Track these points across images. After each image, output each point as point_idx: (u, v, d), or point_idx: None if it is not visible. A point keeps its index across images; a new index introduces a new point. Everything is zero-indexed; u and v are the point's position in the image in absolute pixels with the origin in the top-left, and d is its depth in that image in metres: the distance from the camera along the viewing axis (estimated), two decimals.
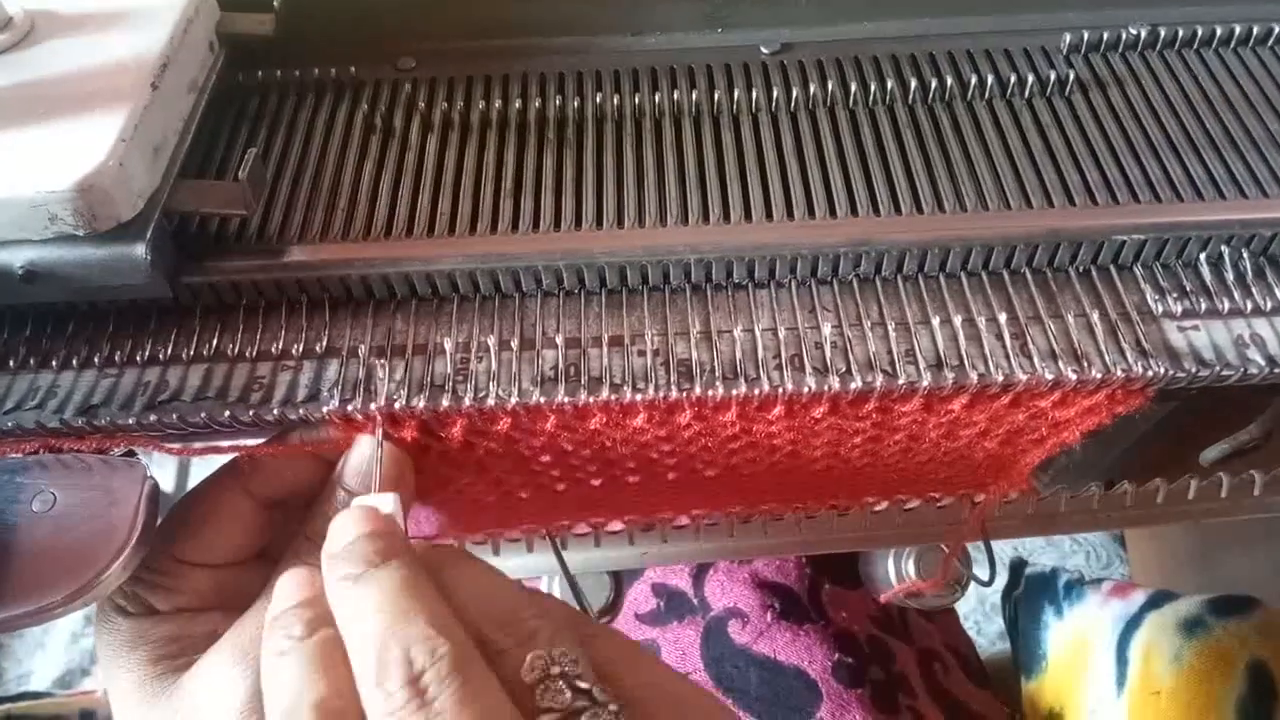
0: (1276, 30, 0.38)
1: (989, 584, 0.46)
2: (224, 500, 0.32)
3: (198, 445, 0.32)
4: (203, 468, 0.34)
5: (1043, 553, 1.46)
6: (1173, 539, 1.16)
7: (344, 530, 0.28)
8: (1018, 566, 0.72)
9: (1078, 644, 0.61)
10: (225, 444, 0.31)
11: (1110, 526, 0.50)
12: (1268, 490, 0.52)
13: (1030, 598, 0.67)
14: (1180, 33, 0.38)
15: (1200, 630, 0.53)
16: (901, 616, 0.67)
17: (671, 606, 0.64)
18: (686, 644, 0.63)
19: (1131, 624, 0.57)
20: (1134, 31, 0.38)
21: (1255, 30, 0.38)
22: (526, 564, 0.52)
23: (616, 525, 0.43)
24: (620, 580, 0.60)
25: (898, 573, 0.57)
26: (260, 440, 0.32)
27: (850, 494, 0.40)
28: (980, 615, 1.40)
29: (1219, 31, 0.38)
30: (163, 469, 0.48)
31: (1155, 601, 0.57)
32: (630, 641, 0.30)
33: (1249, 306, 0.32)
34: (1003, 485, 0.39)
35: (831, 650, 0.60)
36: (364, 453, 0.32)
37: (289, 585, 0.28)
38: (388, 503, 0.29)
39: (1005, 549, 1.43)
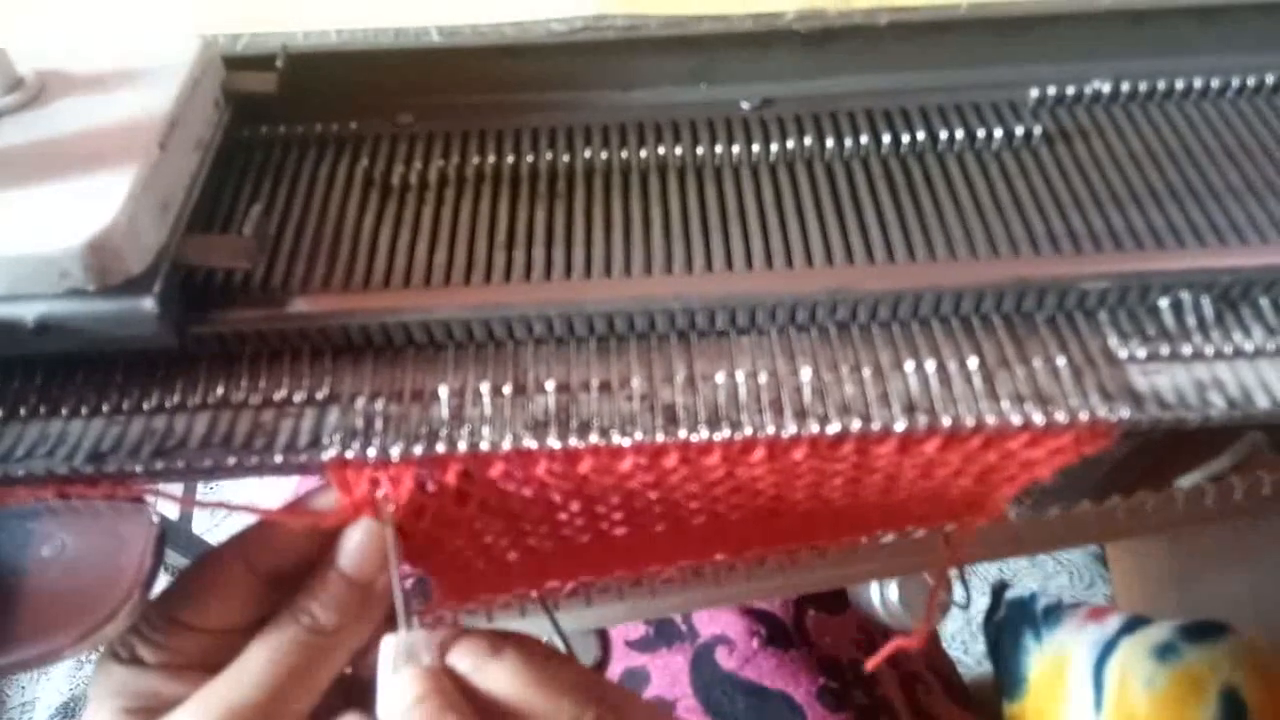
0: (1235, 84, 0.40)
1: (966, 607, 0.48)
2: (224, 568, 0.34)
3: (207, 500, 0.33)
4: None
5: (1026, 573, 1.48)
6: (1154, 560, 1.18)
7: (399, 696, 0.31)
8: (999, 590, 0.74)
9: (1056, 667, 0.63)
10: (235, 504, 0.33)
11: (1075, 542, 0.51)
12: (1220, 499, 0.54)
13: (1010, 621, 0.69)
14: (1142, 87, 0.40)
15: (1172, 656, 0.55)
16: (885, 640, 0.68)
17: (661, 634, 0.66)
18: (676, 670, 0.64)
19: (1107, 648, 0.58)
20: (1098, 85, 0.40)
21: (1214, 84, 0.40)
22: (520, 627, 0.53)
23: (606, 582, 0.44)
24: (607, 638, 0.62)
25: (882, 599, 0.59)
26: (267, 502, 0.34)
27: (832, 533, 0.42)
28: (967, 635, 1.42)
29: (1179, 85, 0.40)
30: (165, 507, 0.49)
31: (1129, 626, 0.58)
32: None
33: (1210, 351, 0.34)
34: (977, 517, 0.41)
35: (816, 675, 0.61)
36: (357, 538, 0.33)
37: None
38: (422, 650, 0.32)
39: (991, 569, 1.45)
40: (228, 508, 0.33)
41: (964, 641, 1.41)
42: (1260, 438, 0.50)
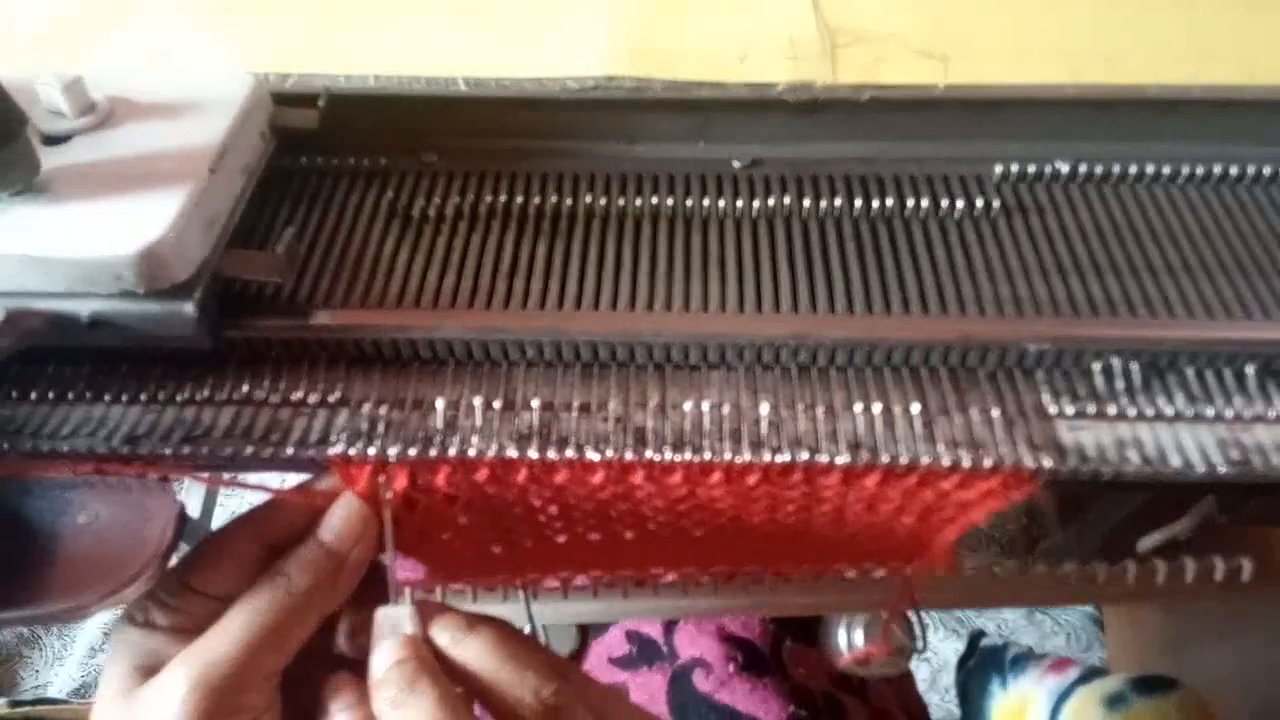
0: (1185, 171, 0.44)
1: (922, 651, 0.51)
2: (234, 539, 0.37)
3: (225, 478, 0.37)
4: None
5: (1024, 631, 1.49)
6: (1149, 626, 1.19)
7: (383, 659, 0.35)
8: (974, 638, 0.76)
9: (1017, 712, 0.66)
10: (251, 481, 0.37)
11: (1031, 603, 0.54)
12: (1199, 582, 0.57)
13: (980, 668, 0.72)
14: (1099, 169, 0.44)
15: (1121, 705, 0.57)
16: (858, 677, 0.71)
17: (642, 653, 0.69)
18: (654, 689, 0.67)
19: (1064, 696, 0.61)
20: (1059, 166, 0.44)
21: (1165, 170, 0.44)
22: (501, 611, 0.57)
23: (583, 580, 0.48)
24: (586, 631, 0.65)
25: (848, 641, 0.62)
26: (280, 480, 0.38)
27: (793, 559, 0.45)
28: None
29: (1133, 170, 0.44)
30: (191, 497, 0.54)
31: (1086, 677, 0.61)
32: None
33: (1133, 412, 0.37)
34: (928, 560, 0.44)
35: (786, 703, 0.64)
36: (338, 514, 0.37)
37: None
38: (405, 621, 0.36)
39: (990, 626, 1.46)
40: (244, 486, 0.37)
41: (948, 687, 1.42)
42: (1212, 502, 0.53)
